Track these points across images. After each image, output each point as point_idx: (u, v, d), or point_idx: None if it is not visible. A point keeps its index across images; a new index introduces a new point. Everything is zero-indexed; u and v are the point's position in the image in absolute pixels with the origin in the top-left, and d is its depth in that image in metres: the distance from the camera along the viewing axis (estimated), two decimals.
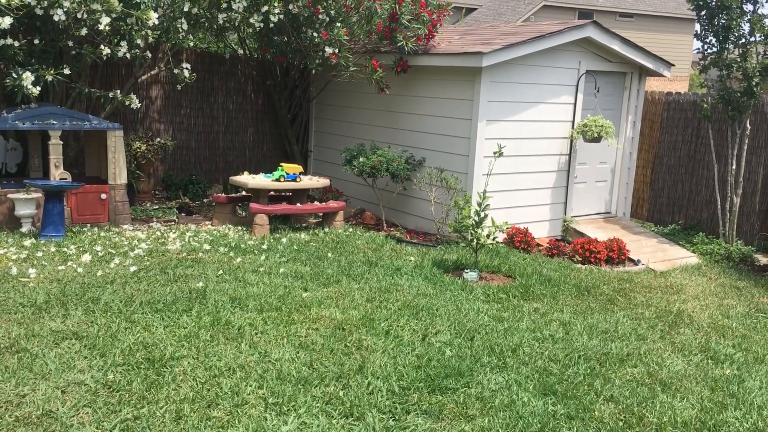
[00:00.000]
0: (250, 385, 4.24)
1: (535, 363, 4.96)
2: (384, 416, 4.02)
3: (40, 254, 6.67)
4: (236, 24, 8.68)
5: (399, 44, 8.81)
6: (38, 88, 7.28)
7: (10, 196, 7.49)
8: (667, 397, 4.61)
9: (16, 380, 4.10)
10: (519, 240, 8.48)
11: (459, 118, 8.62)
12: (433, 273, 7.02)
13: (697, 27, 9.23)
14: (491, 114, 8.45)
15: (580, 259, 8.25)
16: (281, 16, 8.63)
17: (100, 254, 6.82)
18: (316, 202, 8.98)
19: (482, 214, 7.10)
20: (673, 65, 10.21)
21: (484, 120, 8.42)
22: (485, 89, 8.34)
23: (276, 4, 8.45)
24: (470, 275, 7.02)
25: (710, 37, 9.07)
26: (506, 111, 8.60)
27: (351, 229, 8.78)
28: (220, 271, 6.51)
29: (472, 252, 7.41)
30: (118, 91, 8.45)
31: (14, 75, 7.18)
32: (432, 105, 8.98)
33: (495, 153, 7.44)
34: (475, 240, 7.19)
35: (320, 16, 8.89)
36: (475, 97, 8.39)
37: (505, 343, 5.26)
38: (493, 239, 7.26)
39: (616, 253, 8.29)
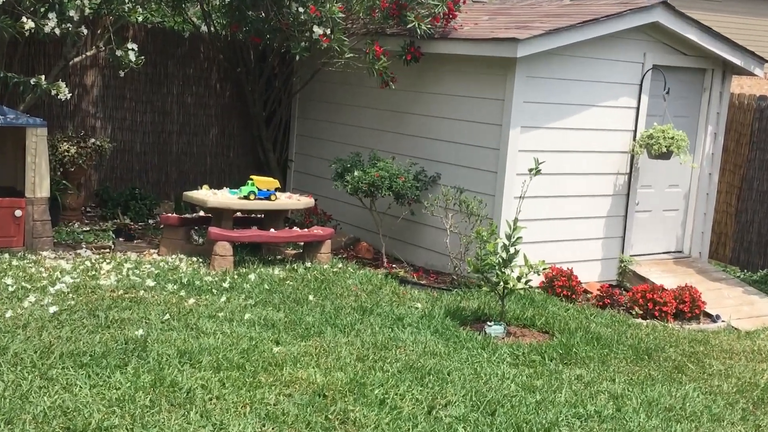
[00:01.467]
0: None
1: None
2: None
3: None
4: None
5: (409, 25, 8.89)
6: None
7: None
8: None
9: None
10: (560, 285, 8.51)
11: (486, 123, 8.70)
12: (446, 325, 7.06)
13: None
14: (527, 119, 8.49)
15: (641, 311, 8.27)
16: None
17: (10, 289, 6.86)
18: (296, 228, 9.03)
19: (512, 250, 7.11)
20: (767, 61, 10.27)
21: (517, 126, 8.48)
22: (520, 87, 8.39)
23: None
24: (494, 329, 7.06)
25: None
26: (547, 115, 8.65)
27: (341, 264, 8.82)
28: (167, 316, 6.54)
29: (498, 299, 7.43)
30: (43, 77, 8.51)
31: None
32: (451, 105, 9.02)
33: (531, 170, 7.42)
34: (502, 283, 7.20)
35: None
36: (506, 96, 8.45)
37: (537, 421, 5.28)
38: (526, 283, 7.21)
39: (688, 306, 8.32)
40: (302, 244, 8.96)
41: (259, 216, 9.10)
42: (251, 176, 9.00)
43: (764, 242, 10.88)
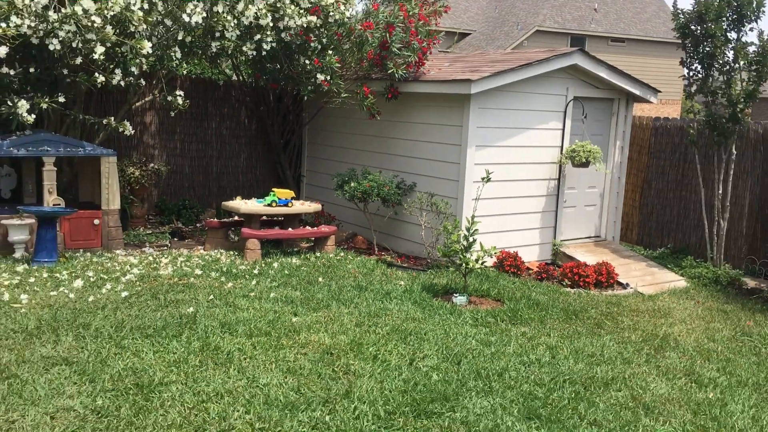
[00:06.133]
0: (238, 410, 4.29)
1: (521, 387, 5.01)
2: None
3: (32, 280, 6.72)
4: (229, 52, 8.83)
5: (389, 71, 8.94)
6: (33, 116, 7.37)
7: (3, 222, 7.55)
8: (650, 420, 4.66)
9: (6, 406, 4.14)
10: (509, 264, 8.55)
11: (449, 143, 8.74)
12: (423, 297, 7.08)
13: (683, 54, 9.38)
14: (480, 139, 8.56)
15: (569, 282, 8.30)
16: (274, 44, 8.76)
17: (92, 280, 6.88)
18: (307, 227, 9.05)
19: (471, 239, 7.18)
20: (660, 91, 10.35)
21: (473, 146, 8.53)
22: (474, 115, 8.45)
23: (268, 33, 8.59)
24: (459, 299, 7.08)
25: (696, 65, 9.22)
26: (495, 136, 8.72)
27: (342, 254, 8.83)
28: (211, 296, 6.56)
29: (462, 276, 7.47)
30: (112, 118, 8.53)
31: (9, 103, 7.28)
32: (422, 130, 9.11)
33: (483, 179, 7.56)
34: (464, 264, 7.25)
35: (312, 44, 9.03)
36: (464, 123, 8.50)
37: (492, 367, 5.32)
38: (482, 264, 7.31)
39: (604, 277, 8.36)
40: (313, 239, 8.97)
41: (279, 219, 9.12)
42: (273, 189, 9.00)
43: (661, 228, 10.94)
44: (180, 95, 8.92)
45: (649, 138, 10.98)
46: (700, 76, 9.22)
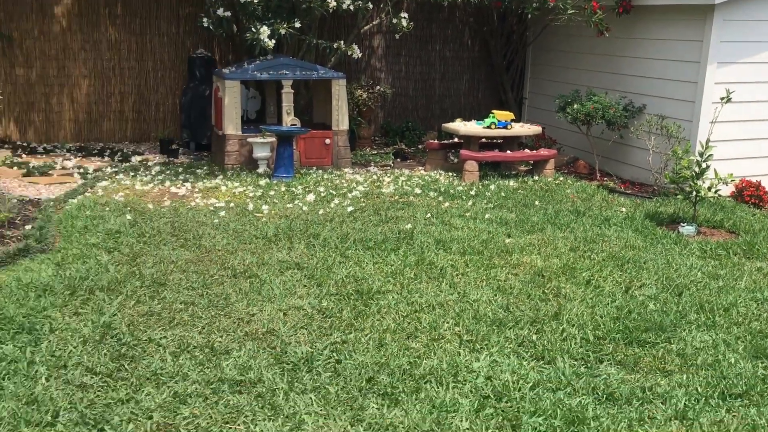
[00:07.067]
0: (447, 322, 4.48)
1: (750, 324, 4.65)
2: (575, 362, 4.06)
3: (272, 193, 7.43)
4: None
5: None
6: (273, 41, 7.98)
7: (249, 140, 8.39)
8: None
9: (247, 301, 4.72)
10: (749, 194, 7.85)
11: (685, 60, 8.06)
12: (645, 225, 6.75)
13: None
14: (723, 56, 7.78)
15: None
16: None
17: (322, 195, 7.44)
18: (527, 150, 8.94)
19: (704, 165, 6.67)
20: None
21: (714, 63, 7.79)
22: (717, 29, 7.67)
23: None
24: (687, 229, 6.66)
25: None
26: (742, 52, 7.86)
27: (561, 178, 8.65)
28: (428, 215, 6.80)
29: (691, 205, 6.99)
30: (342, 42, 8.96)
31: (253, 29, 7.94)
32: (656, 48, 8.46)
33: (722, 99, 6.97)
34: (694, 192, 6.78)
35: None
36: (705, 37, 7.76)
37: (717, 302, 4.98)
38: (716, 192, 6.81)
39: None
40: (532, 162, 8.88)
41: (498, 141, 9.09)
42: (492, 111, 8.97)
43: None
44: (404, 17, 9.10)
45: None
46: None
